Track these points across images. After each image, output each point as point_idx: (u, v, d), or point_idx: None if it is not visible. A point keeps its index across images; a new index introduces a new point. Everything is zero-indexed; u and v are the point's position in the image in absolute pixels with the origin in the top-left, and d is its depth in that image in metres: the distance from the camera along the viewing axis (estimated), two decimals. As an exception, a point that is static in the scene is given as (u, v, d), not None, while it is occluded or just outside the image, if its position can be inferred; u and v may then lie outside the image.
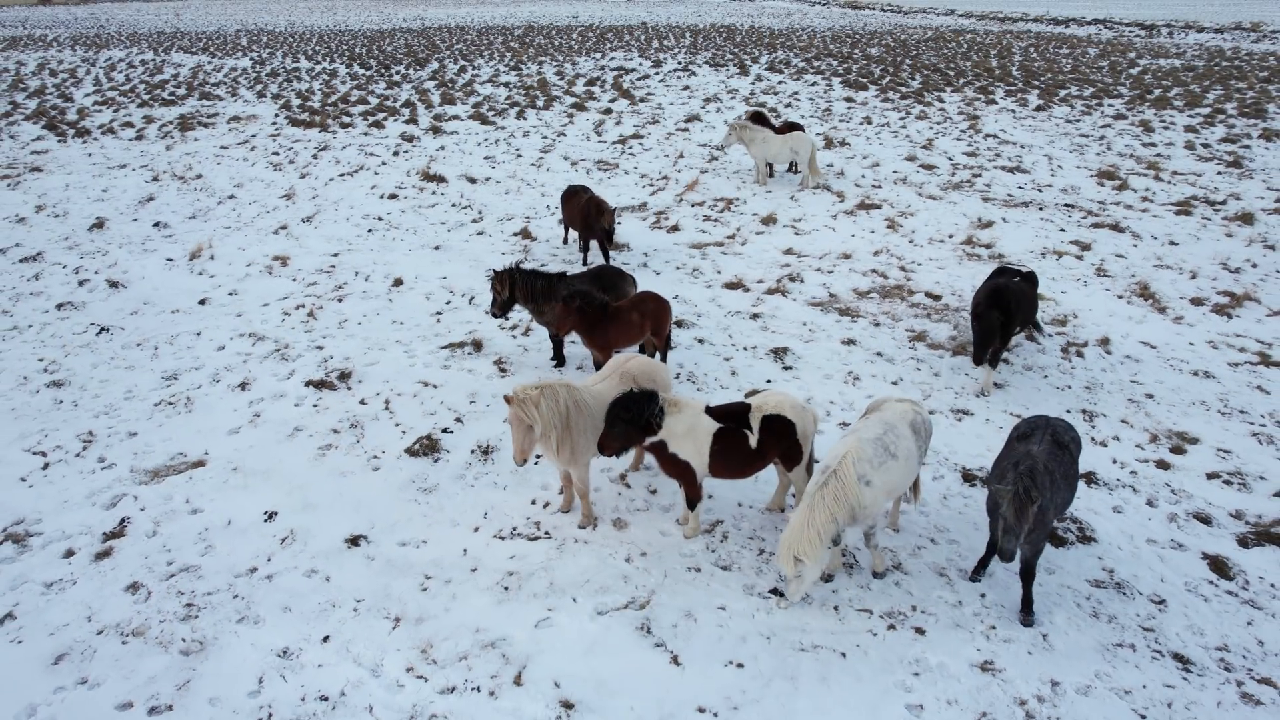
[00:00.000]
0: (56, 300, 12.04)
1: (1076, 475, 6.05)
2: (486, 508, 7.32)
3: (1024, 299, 9.07)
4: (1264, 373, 9.60)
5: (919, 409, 6.47)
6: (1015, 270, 9.81)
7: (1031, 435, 6.08)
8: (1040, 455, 5.74)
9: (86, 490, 7.63)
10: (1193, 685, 5.47)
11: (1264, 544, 6.75)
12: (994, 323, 8.53)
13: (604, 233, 12.37)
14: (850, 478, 5.75)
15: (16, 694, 5.46)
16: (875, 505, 5.94)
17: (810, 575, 5.74)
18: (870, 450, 5.93)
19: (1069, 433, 6.21)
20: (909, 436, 6.17)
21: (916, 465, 6.27)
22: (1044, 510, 5.54)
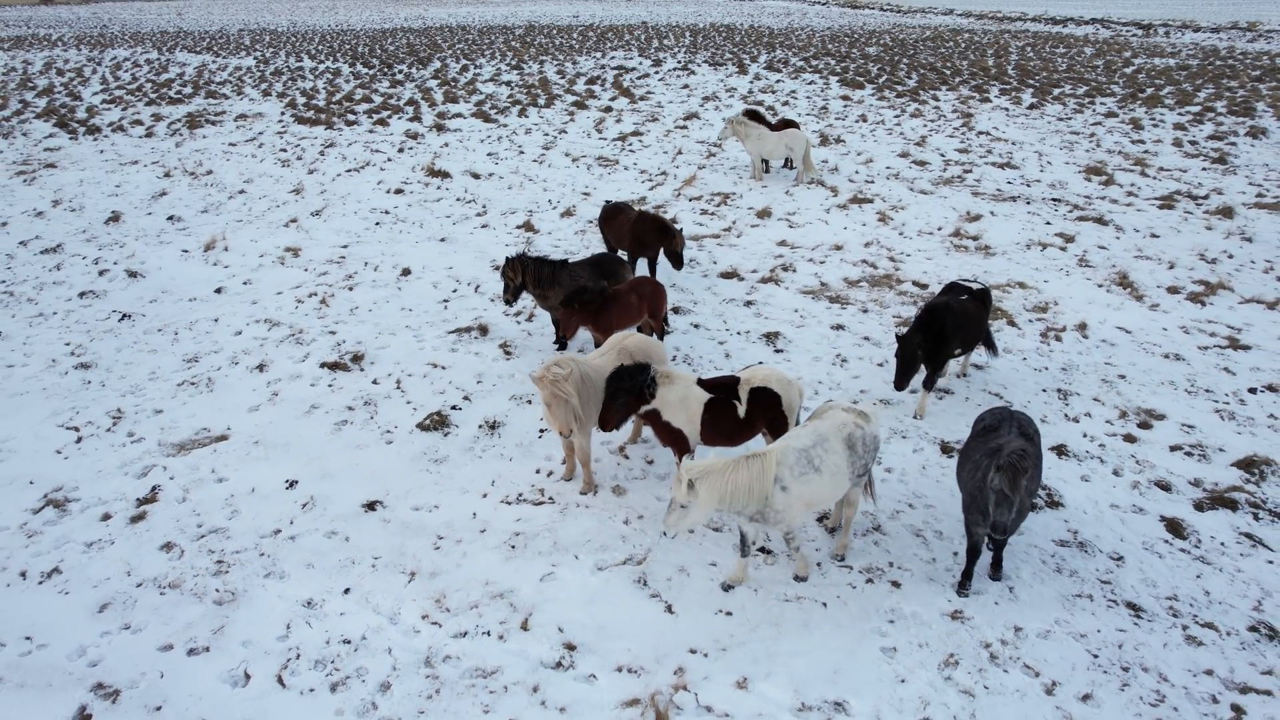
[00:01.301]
0: (79, 289, 12.54)
1: (1041, 467, 6.18)
2: (494, 476, 7.83)
3: (964, 319, 8.41)
4: (1231, 355, 10.08)
5: (863, 423, 6.31)
6: (966, 287, 9.00)
7: (999, 427, 6.23)
8: (1010, 447, 5.81)
9: (118, 461, 8.13)
10: (1142, 629, 5.96)
11: (1217, 507, 7.24)
12: (913, 350, 7.93)
13: (674, 256, 11.55)
14: (770, 471, 5.81)
15: (66, 638, 5.96)
16: (788, 511, 5.92)
17: (694, 515, 5.72)
18: (793, 459, 5.93)
19: (1031, 425, 6.37)
20: (840, 452, 6.09)
21: (846, 481, 6.16)
22: (1028, 490, 5.73)
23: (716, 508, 5.80)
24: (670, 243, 11.47)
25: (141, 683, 5.60)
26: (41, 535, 7.05)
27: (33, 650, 5.86)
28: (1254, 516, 7.13)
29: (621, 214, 12.05)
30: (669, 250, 11.53)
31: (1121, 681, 5.53)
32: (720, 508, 5.82)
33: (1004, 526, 5.61)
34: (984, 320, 8.83)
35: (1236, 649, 5.78)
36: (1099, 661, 5.70)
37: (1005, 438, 6.02)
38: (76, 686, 5.56)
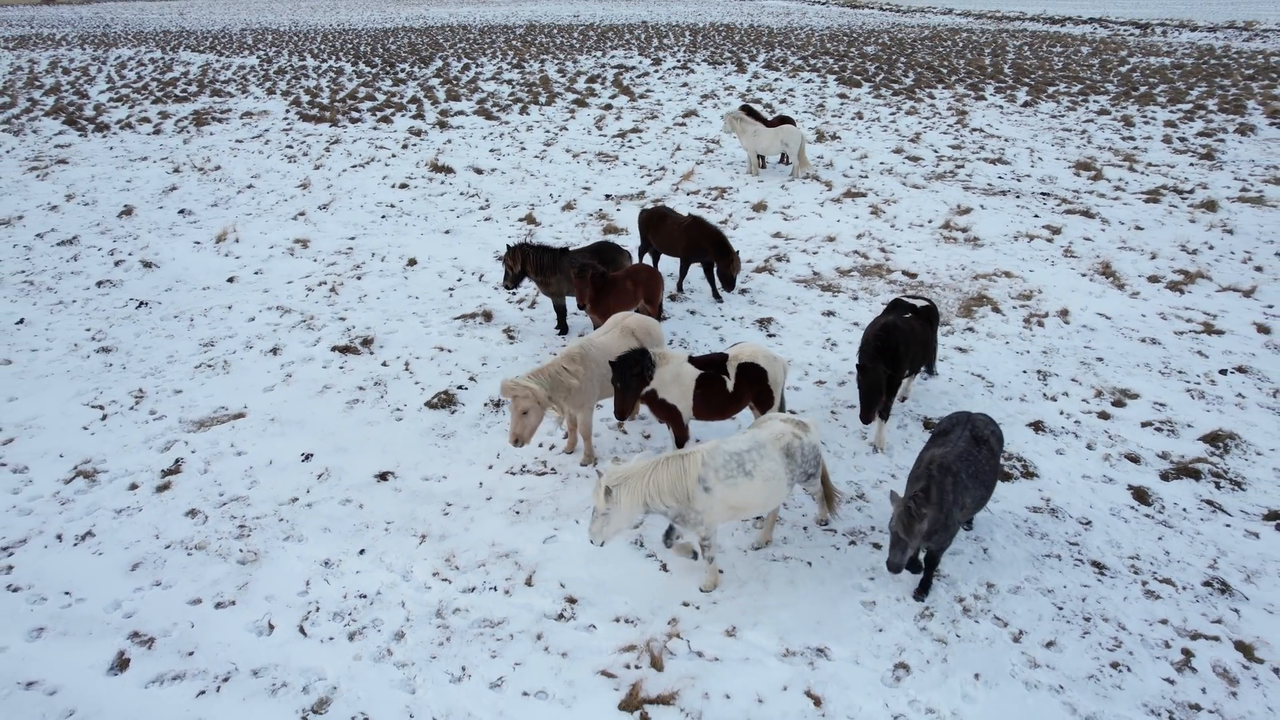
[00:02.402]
0: (96, 278, 12.97)
1: (995, 470, 6.11)
2: (499, 450, 8.26)
3: (914, 339, 8.03)
4: (1205, 339, 10.50)
5: (802, 433, 6.28)
6: (910, 305, 8.52)
7: (950, 432, 6.17)
8: (951, 456, 5.78)
9: (142, 437, 8.57)
10: (1105, 585, 6.39)
11: (1182, 477, 7.66)
12: (879, 378, 7.50)
13: (727, 279, 11.30)
14: (693, 473, 5.81)
15: (102, 593, 6.39)
16: (710, 514, 5.91)
17: (616, 521, 5.71)
18: (722, 460, 5.92)
19: (989, 427, 6.26)
20: (776, 459, 6.07)
21: (784, 488, 6.15)
22: (950, 512, 5.61)
23: (639, 513, 5.77)
24: (726, 263, 11.18)
25: (174, 632, 6.03)
26: (73, 503, 7.49)
27: (72, 603, 6.29)
28: (1215, 485, 7.55)
29: (669, 218, 11.72)
30: (722, 271, 11.26)
31: (1083, 630, 5.96)
32: (644, 510, 5.80)
33: (896, 566, 5.54)
34: (931, 338, 8.41)
35: (1191, 601, 6.21)
36: (1063, 613, 6.13)
37: (948, 445, 5.95)
38: (114, 635, 5.99)
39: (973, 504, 5.92)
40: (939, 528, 5.61)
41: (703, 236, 11.26)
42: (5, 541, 6.97)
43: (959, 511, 5.74)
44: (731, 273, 11.28)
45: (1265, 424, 8.57)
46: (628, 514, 5.75)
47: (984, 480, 5.97)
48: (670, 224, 11.67)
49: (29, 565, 6.70)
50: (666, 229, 11.69)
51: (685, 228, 11.43)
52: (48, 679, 5.61)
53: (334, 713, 5.38)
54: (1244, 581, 6.39)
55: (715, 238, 11.22)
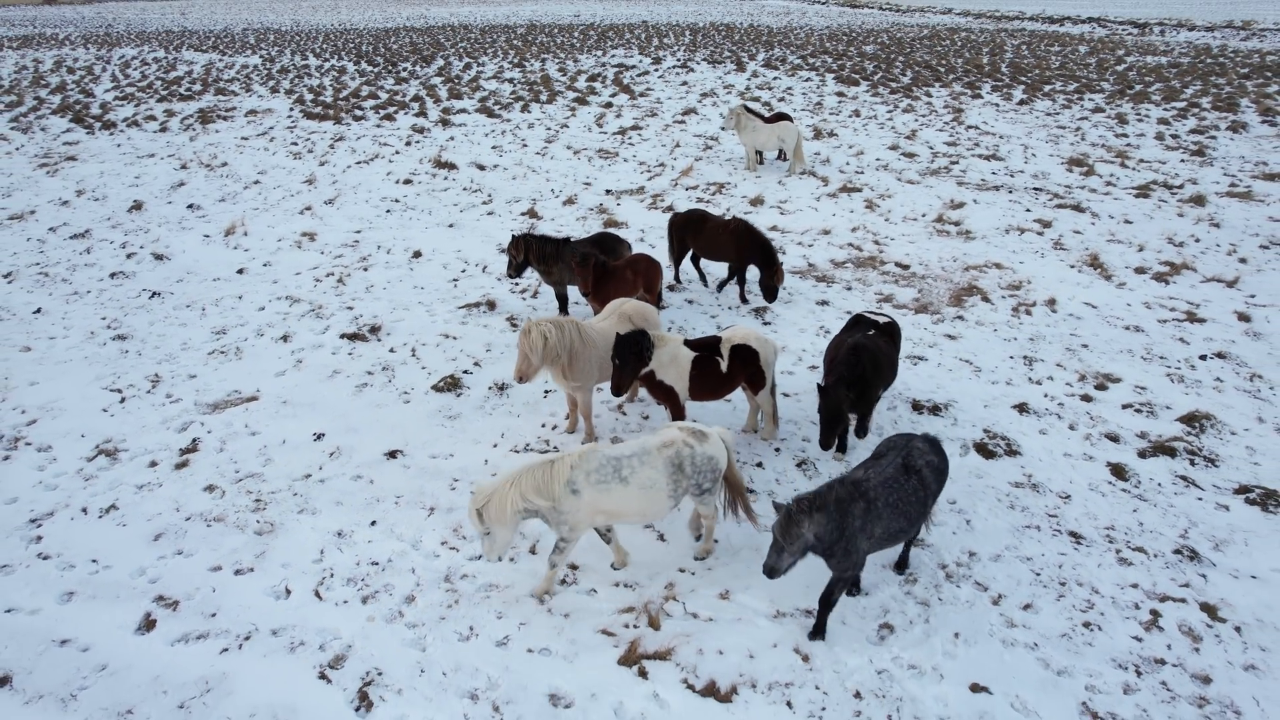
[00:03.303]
0: (109, 270, 13.30)
1: (922, 502, 5.75)
2: (503, 430, 8.59)
3: (883, 358, 7.63)
4: (1187, 327, 10.83)
5: (695, 443, 6.08)
6: (872, 321, 8.12)
7: (884, 456, 5.91)
8: (870, 480, 5.59)
9: (160, 418, 8.90)
10: (1080, 553, 6.72)
11: (1159, 455, 7.98)
12: (838, 403, 7.13)
13: (769, 289, 11.08)
14: (562, 475, 5.77)
15: (127, 560, 6.72)
16: (575, 517, 5.84)
17: (500, 536, 5.78)
18: (597, 463, 5.84)
19: (926, 456, 5.88)
20: (659, 469, 5.91)
21: (664, 499, 5.99)
22: (852, 538, 5.40)
23: (518, 522, 5.81)
24: (770, 273, 10.94)
25: (196, 595, 6.36)
26: (97, 479, 7.82)
27: (99, 570, 6.62)
28: (1190, 462, 7.88)
29: (710, 221, 11.48)
30: (764, 281, 11.03)
31: (1059, 594, 6.29)
32: (522, 516, 5.81)
33: (770, 569, 5.30)
34: (894, 357, 7.96)
35: (1161, 568, 6.53)
36: (1040, 578, 6.45)
37: (873, 469, 5.74)
38: (140, 598, 6.32)
39: (885, 535, 5.58)
40: (839, 550, 5.38)
41: (750, 241, 10.98)
42: (34, 514, 7.31)
43: (865, 540, 5.46)
44: (774, 283, 10.98)
45: (1241, 406, 8.90)
46: (507, 527, 5.76)
47: (905, 512, 5.60)
48: (713, 227, 11.39)
49: (57, 535, 7.03)
50: (709, 232, 11.40)
51: (732, 231, 11.14)
52: (80, 638, 5.94)
53: (349, 668, 5.70)
54: (1212, 550, 6.72)
55: (762, 244, 10.93)
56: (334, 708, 5.39)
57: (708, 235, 11.45)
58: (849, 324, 8.24)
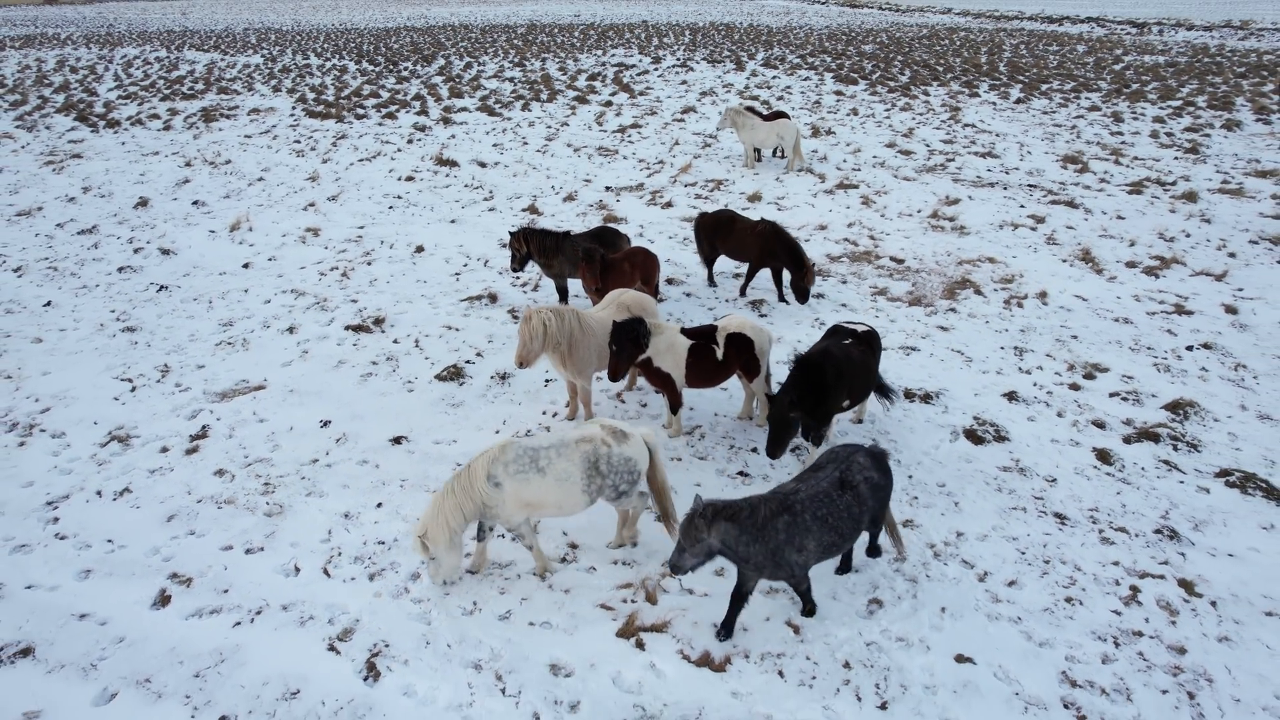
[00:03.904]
0: (117, 264, 13.52)
1: (855, 517, 5.65)
2: (505, 417, 8.81)
3: (848, 367, 7.39)
4: (1175, 319, 11.05)
5: (613, 442, 6.11)
6: (850, 330, 7.91)
7: (823, 468, 5.83)
8: (800, 495, 5.53)
9: (170, 406, 9.12)
10: (1065, 533, 6.93)
11: (1143, 441, 8.20)
12: (783, 412, 6.88)
13: (800, 291, 11.06)
14: (479, 474, 5.85)
15: (141, 540, 6.94)
16: (505, 509, 5.93)
17: (446, 561, 5.89)
18: (514, 454, 5.94)
19: (865, 471, 5.79)
20: (575, 463, 5.99)
21: (579, 494, 6.05)
22: (778, 549, 5.37)
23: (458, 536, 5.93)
24: (800, 274, 10.92)
25: (209, 573, 6.58)
26: (110, 464, 8.04)
27: (115, 549, 6.85)
28: (1174, 447, 8.09)
29: (739, 222, 11.46)
30: (795, 283, 11.03)
31: (1042, 571, 6.51)
32: (456, 539, 5.92)
33: (674, 566, 5.39)
34: (872, 366, 7.77)
35: (1142, 546, 6.75)
36: (1025, 557, 6.67)
37: (808, 482, 5.68)
38: (155, 575, 6.54)
39: (819, 548, 5.52)
40: (766, 563, 5.39)
41: (778, 243, 10.99)
42: (50, 497, 7.53)
43: (795, 553, 5.42)
44: (805, 284, 10.98)
45: (1225, 394, 9.11)
46: (448, 547, 5.86)
47: (836, 527, 5.54)
48: (741, 229, 11.38)
49: (73, 517, 7.25)
50: (738, 234, 11.39)
51: (760, 233, 11.13)
52: (98, 612, 6.16)
53: (357, 641, 5.92)
54: (1192, 530, 6.93)
55: (790, 246, 10.93)
56: (343, 677, 5.61)
57: (736, 237, 11.43)
58: (827, 333, 8.06)
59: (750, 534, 5.32)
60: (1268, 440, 8.21)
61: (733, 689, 5.47)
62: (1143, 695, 5.38)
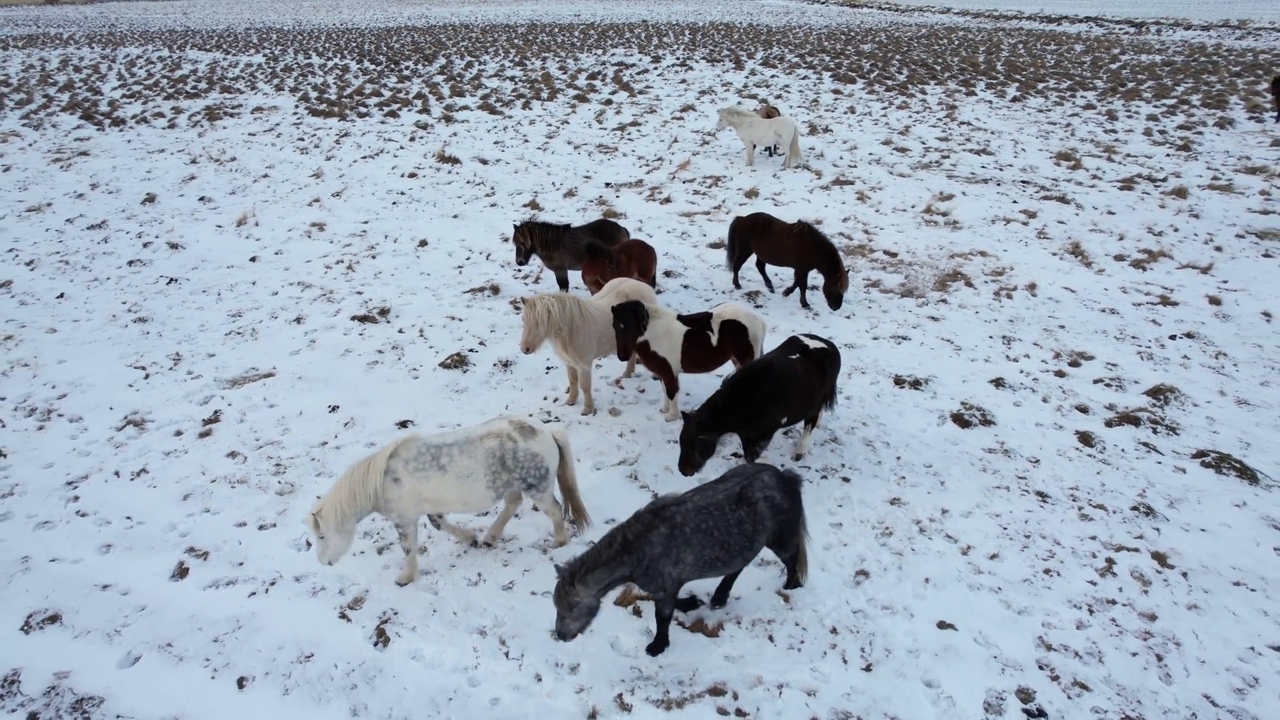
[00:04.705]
0: (127, 258, 13.82)
1: (748, 535, 5.50)
2: (507, 402, 9.10)
3: (791, 385, 7.14)
4: (1160, 310, 11.33)
5: (519, 438, 6.11)
6: (803, 345, 7.59)
7: (725, 481, 5.71)
8: (685, 508, 5.40)
9: (183, 393, 9.41)
10: (1045, 510, 7.22)
11: (1124, 424, 8.48)
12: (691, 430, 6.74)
13: (833, 296, 11.00)
14: (379, 467, 5.87)
15: (159, 517, 7.24)
16: (401, 505, 5.95)
17: (334, 543, 5.88)
18: (416, 451, 5.94)
19: (768, 490, 5.62)
20: (478, 460, 5.99)
21: (482, 490, 6.06)
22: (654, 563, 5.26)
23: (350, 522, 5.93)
24: (833, 280, 10.84)
25: (224, 547, 6.87)
26: (127, 446, 8.33)
27: (134, 526, 7.14)
28: (1153, 430, 8.38)
29: (775, 225, 11.34)
30: (828, 288, 10.98)
31: (1023, 545, 6.79)
32: (350, 526, 5.94)
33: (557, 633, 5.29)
34: (816, 385, 7.42)
35: (1119, 523, 7.03)
36: (1007, 532, 6.96)
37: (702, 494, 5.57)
38: (173, 549, 6.84)
39: (699, 562, 5.39)
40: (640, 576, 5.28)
41: (815, 246, 10.85)
42: (70, 477, 7.82)
43: (672, 566, 5.29)
44: (838, 290, 10.90)
45: (1205, 381, 9.40)
46: (338, 531, 5.88)
47: (722, 542, 5.40)
48: (778, 231, 11.26)
49: (93, 496, 7.54)
50: (774, 236, 11.27)
51: (796, 235, 11.01)
52: (120, 583, 6.45)
53: (367, 609, 6.21)
54: (1167, 507, 7.22)
55: (827, 250, 10.78)
56: (354, 642, 5.90)
57: (772, 239, 11.31)
58: (784, 344, 7.76)
59: (622, 561, 5.18)
60: (1244, 424, 8.49)
61: (725, 653, 5.76)
62: (1114, 657, 5.66)
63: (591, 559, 5.19)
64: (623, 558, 5.20)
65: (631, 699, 5.41)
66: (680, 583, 5.46)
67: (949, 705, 5.35)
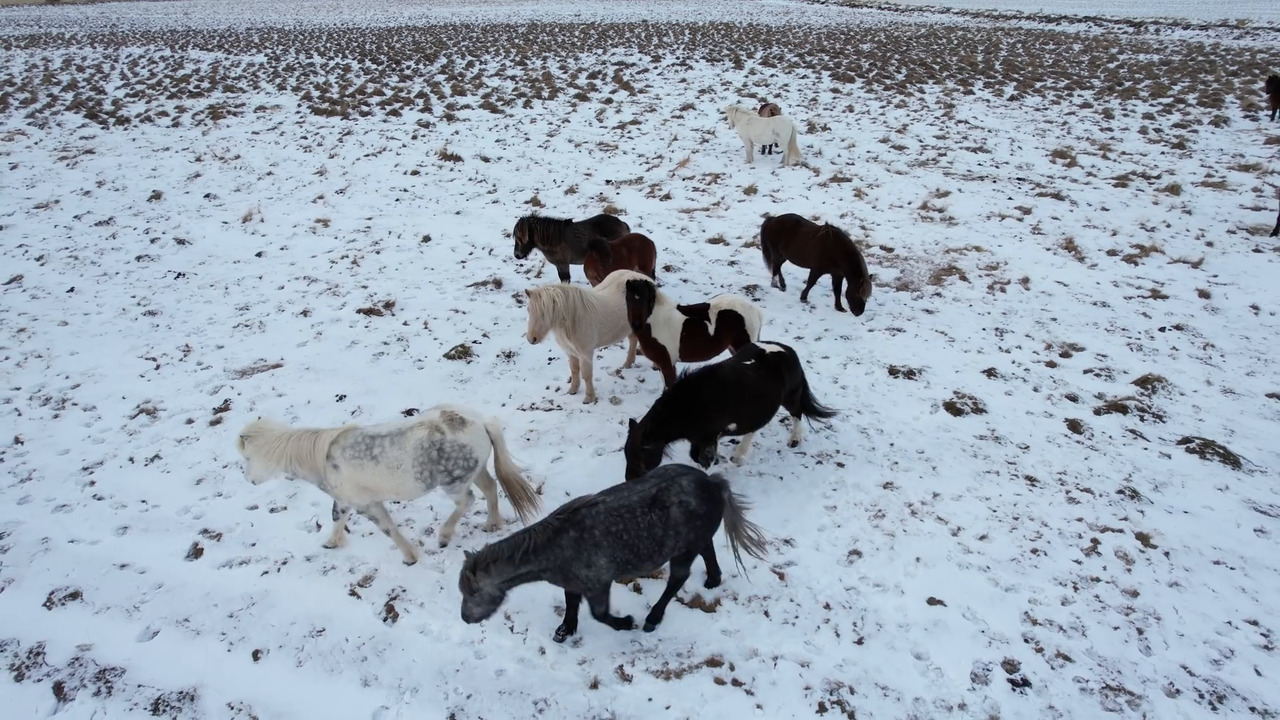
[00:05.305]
0: (135, 254, 14.04)
1: (658, 539, 5.41)
2: (511, 391, 9.32)
3: (738, 393, 7.07)
4: (1151, 303, 11.54)
5: (448, 430, 6.17)
6: (757, 350, 7.51)
7: (642, 483, 5.62)
8: (596, 511, 5.35)
9: (193, 383, 9.63)
10: (1034, 494, 7.43)
11: (1112, 412, 8.70)
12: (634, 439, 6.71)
13: (856, 302, 10.95)
14: (323, 448, 6.05)
15: (173, 501, 7.46)
16: (341, 489, 6.11)
17: (258, 470, 6.09)
18: (353, 441, 6.08)
19: (683, 495, 5.49)
20: (407, 451, 6.06)
21: (411, 480, 6.12)
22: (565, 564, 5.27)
23: (279, 470, 6.11)
24: (856, 285, 10.78)
25: (236, 529, 7.09)
26: (140, 433, 8.55)
27: (149, 508, 7.36)
28: (1140, 418, 8.59)
29: (802, 227, 11.29)
30: (850, 293, 10.95)
31: (1011, 526, 7.01)
32: (280, 470, 6.13)
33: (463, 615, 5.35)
34: (770, 391, 7.29)
35: (1105, 505, 7.25)
36: (997, 514, 7.17)
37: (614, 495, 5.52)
38: (187, 531, 7.06)
39: (610, 564, 5.35)
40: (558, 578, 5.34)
41: (839, 251, 10.79)
42: (86, 463, 8.04)
43: (582, 567, 5.29)
44: (861, 296, 10.82)
45: (1192, 371, 9.61)
46: (261, 467, 6.07)
47: (632, 545, 5.35)
48: (804, 233, 11.22)
49: (108, 480, 7.76)
50: (800, 239, 11.23)
51: (820, 238, 10.95)
52: (137, 562, 6.67)
53: (376, 587, 6.42)
54: (1152, 490, 7.43)
55: (851, 255, 10.69)
56: (364, 618, 6.12)
57: (799, 241, 11.27)
58: (741, 351, 7.69)
59: (530, 560, 5.21)
60: (1229, 411, 8.71)
61: (722, 627, 5.98)
62: (1096, 631, 5.88)
63: (498, 553, 5.20)
64: (529, 558, 5.21)
65: (632, 670, 5.63)
66: (604, 585, 5.45)
67: (937, 676, 5.56)
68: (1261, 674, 5.51)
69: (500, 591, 5.32)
